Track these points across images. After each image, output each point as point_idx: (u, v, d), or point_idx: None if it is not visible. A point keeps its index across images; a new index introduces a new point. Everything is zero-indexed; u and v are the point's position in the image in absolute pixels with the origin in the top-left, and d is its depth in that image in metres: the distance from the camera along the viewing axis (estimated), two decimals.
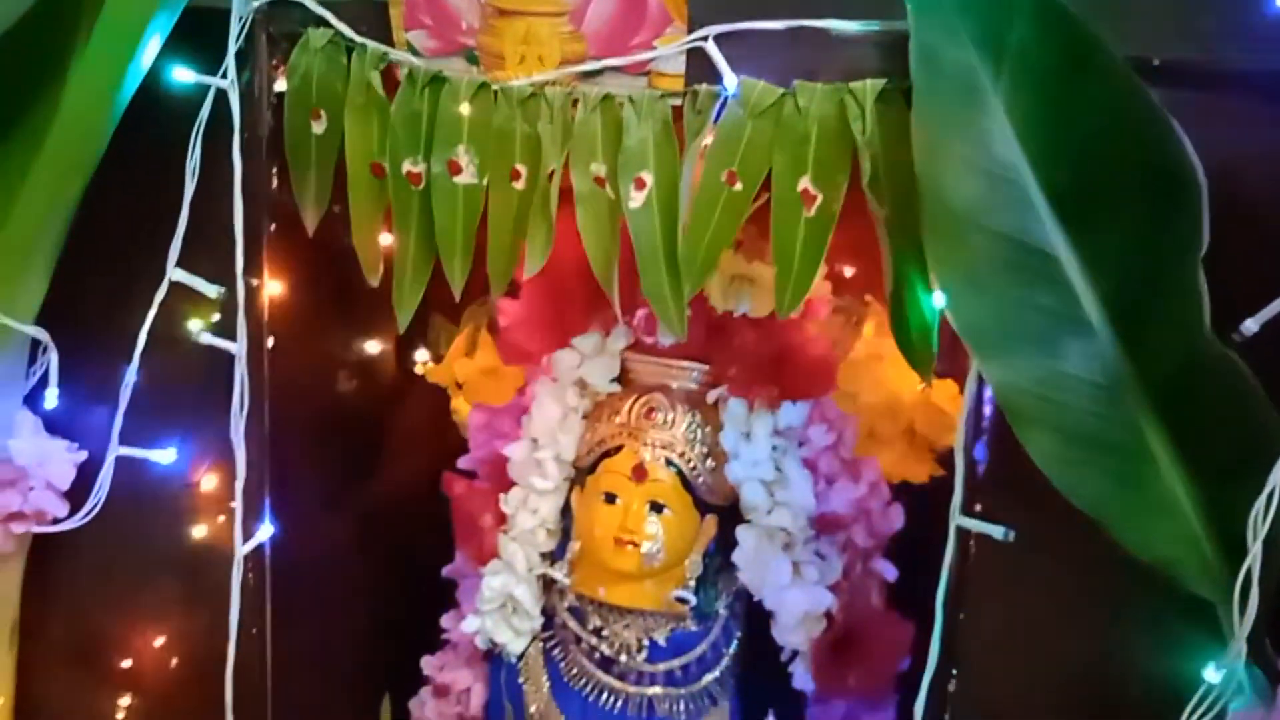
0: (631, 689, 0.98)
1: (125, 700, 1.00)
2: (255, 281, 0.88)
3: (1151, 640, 0.68)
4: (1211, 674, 0.61)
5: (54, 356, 0.92)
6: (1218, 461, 0.61)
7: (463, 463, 1.07)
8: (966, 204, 0.66)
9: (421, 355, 1.15)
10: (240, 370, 0.88)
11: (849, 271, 1.00)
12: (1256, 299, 0.64)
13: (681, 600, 0.95)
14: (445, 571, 1.09)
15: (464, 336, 1.09)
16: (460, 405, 1.13)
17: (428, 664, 1.09)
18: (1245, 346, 0.63)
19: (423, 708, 1.09)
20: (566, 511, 1.01)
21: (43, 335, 0.90)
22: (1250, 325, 0.64)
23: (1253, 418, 0.60)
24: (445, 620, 1.08)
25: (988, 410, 0.73)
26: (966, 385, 0.73)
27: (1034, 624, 0.76)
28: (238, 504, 0.90)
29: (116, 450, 0.92)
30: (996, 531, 0.73)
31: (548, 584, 1.02)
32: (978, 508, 0.75)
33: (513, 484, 1.02)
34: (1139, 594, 0.70)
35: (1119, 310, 0.63)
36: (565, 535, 1.01)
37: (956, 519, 0.75)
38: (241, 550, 0.91)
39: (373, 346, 1.11)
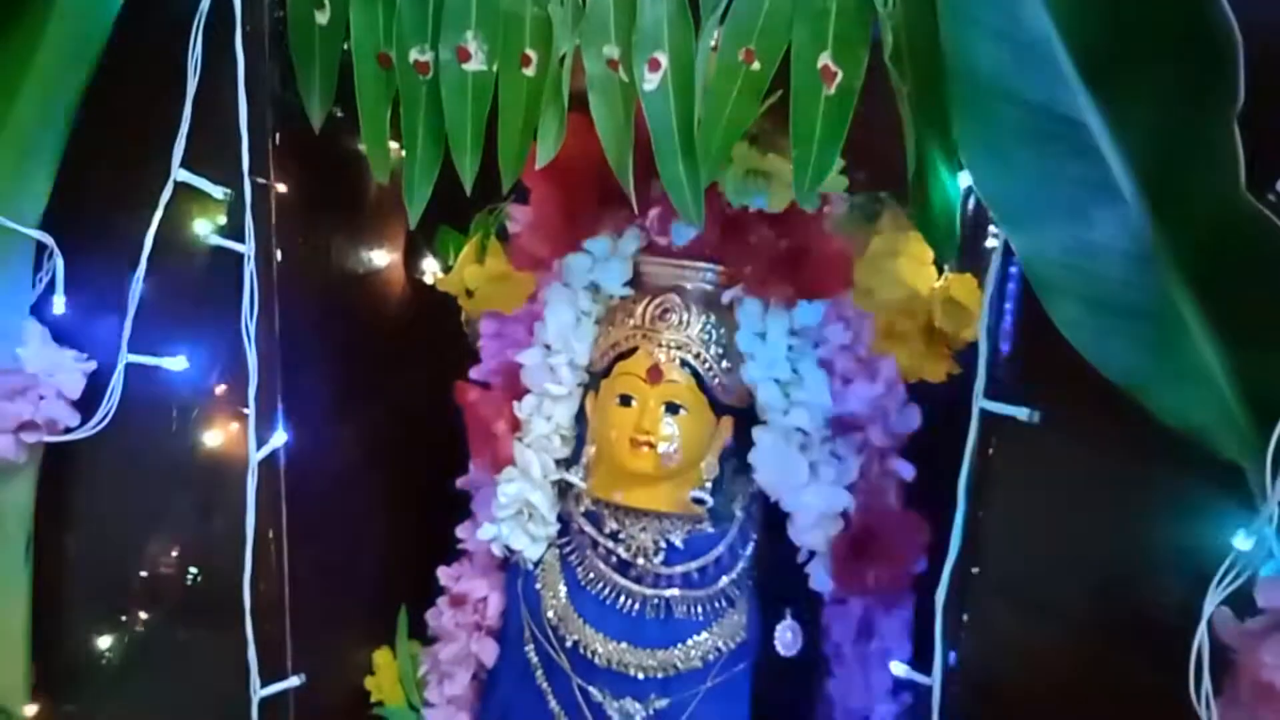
0: (649, 592, 0.98)
1: (143, 614, 1.01)
2: (262, 180, 0.87)
3: (1178, 516, 0.68)
4: (1241, 541, 0.60)
5: (59, 261, 0.90)
6: (1250, 325, 0.60)
7: (474, 373, 1.06)
8: (993, 74, 0.64)
9: (431, 266, 1.14)
10: (249, 271, 0.87)
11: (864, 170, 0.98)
12: None
13: (698, 501, 0.95)
14: (459, 483, 1.09)
15: (473, 244, 1.07)
16: (473, 313, 1.12)
17: (444, 574, 1.09)
18: None
19: (439, 618, 1.09)
20: (581, 417, 1.01)
21: (47, 239, 0.89)
22: None
23: None
24: (461, 531, 1.08)
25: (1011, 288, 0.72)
26: (990, 264, 0.72)
27: (1057, 507, 0.76)
28: (250, 408, 0.89)
29: (126, 358, 0.91)
30: (1020, 413, 0.73)
31: (563, 490, 1.02)
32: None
33: (526, 392, 1.01)
34: (1164, 472, 0.70)
35: (1150, 175, 0.62)
36: (580, 442, 1.01)
37: (979, 402, 0.74)
38: (256, 456, 0.91)
39: (382, 256, 1.10)
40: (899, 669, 0.89)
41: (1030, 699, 0.83)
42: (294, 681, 0.97)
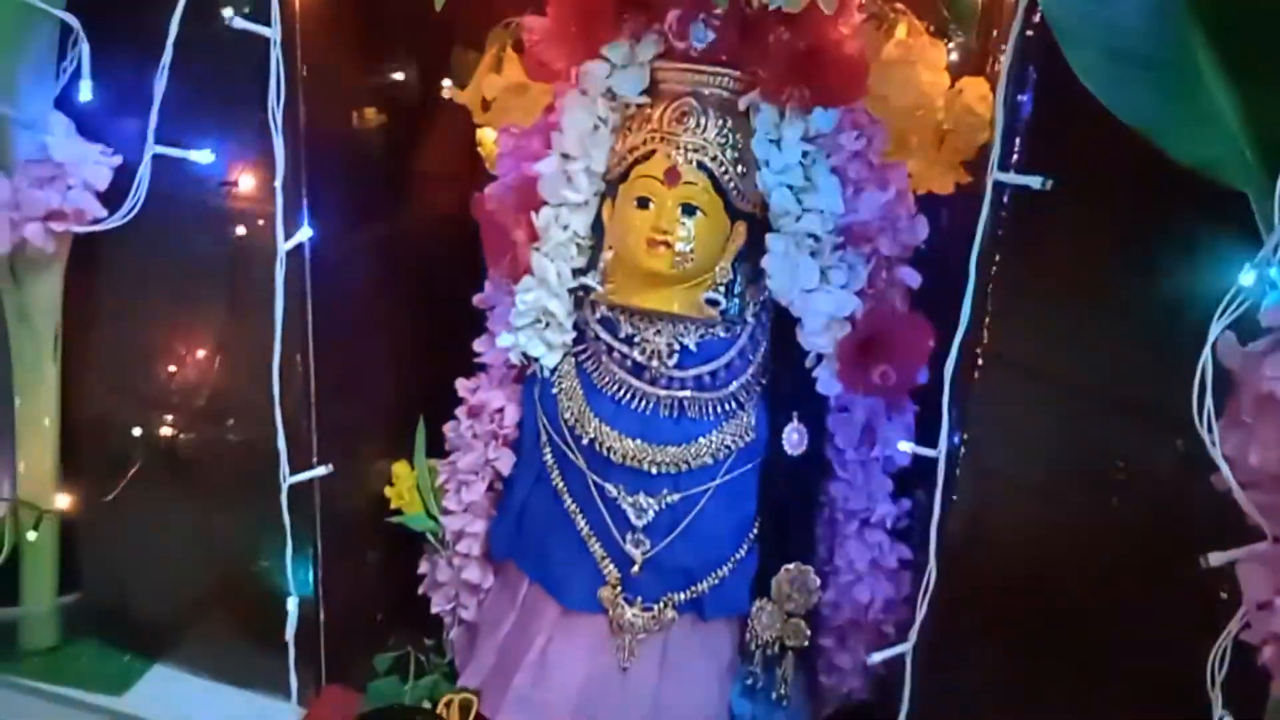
0: (662, 393, 1.01)
1: (171, 408, 1.03)
2: None
3: (1184, 268, 0.71)
4: (1246, 277, 0.64)
5: (85, 47, 0.91)
6: (1262, 68, 0.62)
7: (491, 189, 1.08)
8: None
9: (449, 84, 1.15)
10: (275, 55, 0.88)
11: None
12: None
13: (712, 303, 0.98)
14: (476, 300, 1.12)
15: (490, 56, 1.08)
16: (485, 136, 1.13)
17: (461, 386, 1.12)
18: None
19: (457, 429, 1.12)
20: (598, 227, 1.03)
21: (73, 21, 0.89)
22: None
23: None
24: (478, 344, 1.11)
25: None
26: (1011, 30, 0.74)
27: (1066, 271, 0.78)
28: (278, 196, 0.91)
29: (153, 149, 0.92)
30: (1034, 182, 0.75)
31: (579, 299, 1.05)
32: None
33: (543, 204, 1.03)
34: (1171, 233, 0.73)
35: None
36: (596, 251, 1.03)
37: (994, 174, 0.77)
38: (283, 246, 0.93)
39: (399, 73, 1.11)
40: (906, 446, 0.93)
41: (1034, 479, 0.87)
42: (321, 470, 1.00)
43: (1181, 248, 0.72)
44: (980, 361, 0.84)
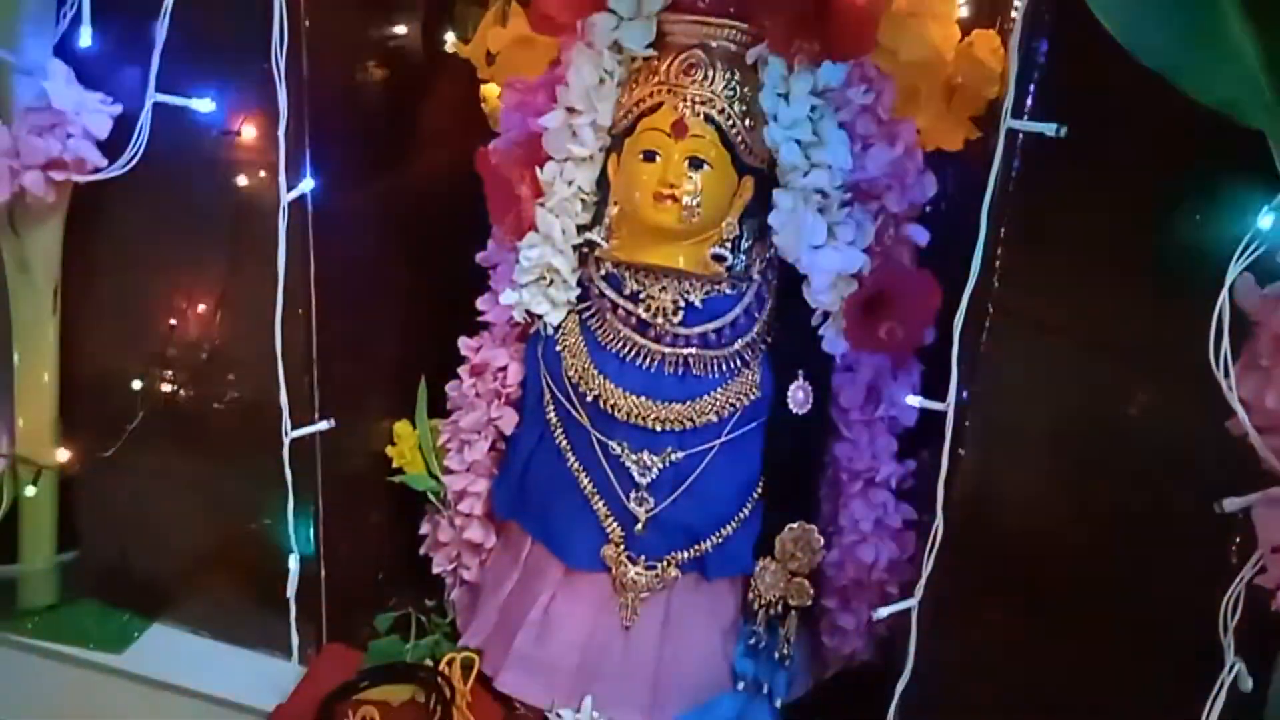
0: (667, 350, 1.00)
1: (172, 362, 1.02)
2: None
3: (1201, 214, 0.70)
4: (1264, 220, 0.63)
5: None
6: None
7: (495, 144, 1.07)
8: None
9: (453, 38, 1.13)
10: (279, 4, 0.87)
11: None
12: None
13: (718, 258, 0.97)
14: (479, 258, 1.11)
15: (495, 9, 1.07)
16: (489, 92, 1.12)
17: (464, 345, 1.11)
18: None
19: (459, 388, 1.12)
20: (602, 182, 1.02)
21: None
22: None
23: None
24: (481, 303, 1.10)
25: None
26: None
27: (1079, 220, 0.78)
28: (281, 146, 0.90)
29: (154, 96, 0.91)
30: (1049, 129, 0.75)
31: (583, 256, 1.04)
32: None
33: (547, 159, 1.02)
34: (1188, 179, 0.72)
35: None
36: (601, 207, 1.02)
37: (1007, 121, 0.76)
38: (286, 197, 0.92)
39: (402, 26, 1.09)
40: (914, 400, 0.92)
41: (1043, 432, 0.86)
42: (324, 425, 1.00)
43: (1198, 194, 0.71)
44: (990, 314, 0.83)
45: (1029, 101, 0.77)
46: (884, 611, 0.91)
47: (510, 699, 1.06)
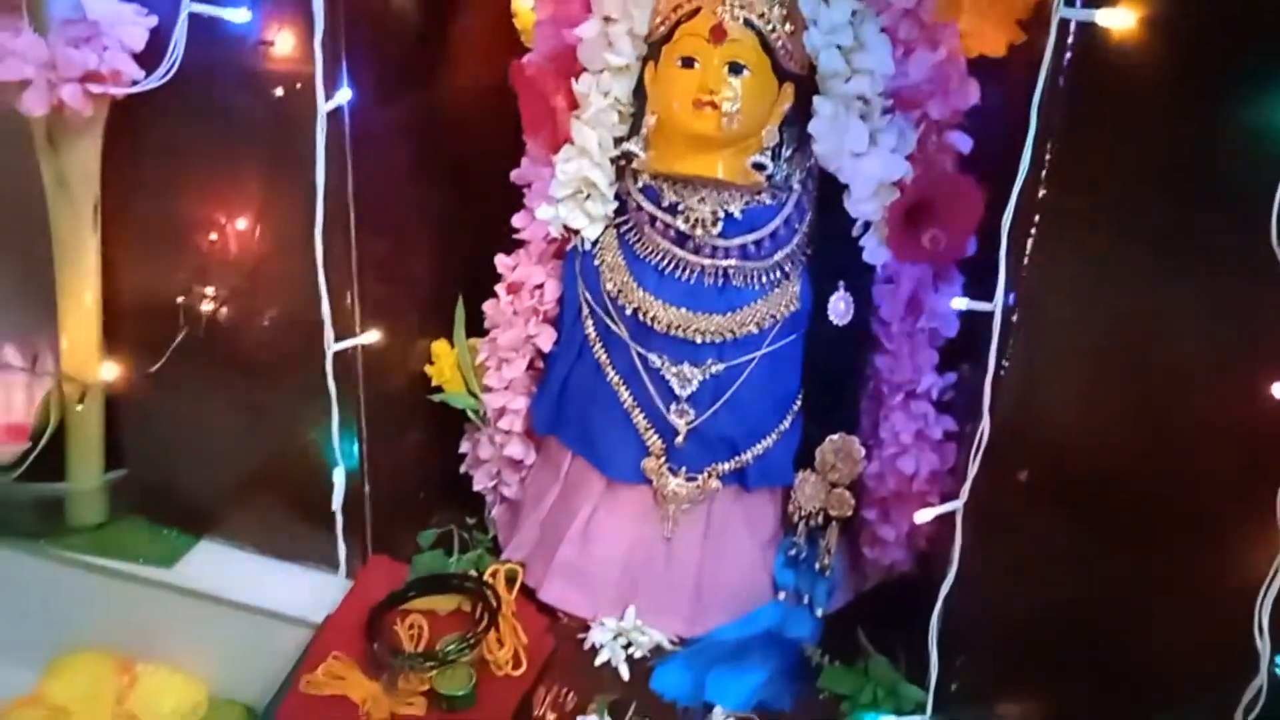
0: (706, 262, 1.00)
1: (214, 277, 1.02)
2: None
3: (1258, 104, 0.69)
4: None
5: None
6: None
7: (530, 59, 1.05)
8: None
9: None
10: None
11: None
12: None
13: (759, 167, 0.95)
14: (513, 175, 1.10)
15: None
16: (521, 6, 1.10)
17: (501, 263, 1.11)
18: None
19: (496, 306, 1.12)
20: (639, 93, 1.00)
21: None
22: None
23: None
24: (517, 220, 1.09)
25: None
26: None
27: (1130, 117, 0.76)
28: (317, 55, 0.89)
29: (189, 6, 0.90)
30: (1102, 17, 0.73)
31: (620, 169, 1.03)
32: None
33: (582, 71, 1.01)
34: (1244, 69, 0.70)
35: None
36: (638, 118, 1.01)
37: (1059, 10, 0.74)
38: (324, 107, 0.91)
39: None
40: (960, 303, 0.91)
41: (1089, 340, 0.85)
42: (366, 338, 1.00)
43: (1256, 85, 0.70)
44: (1038, 214, 0.81)
45: None
46: (928, 513, 0.92)
47: (554, 610, 1.08)
